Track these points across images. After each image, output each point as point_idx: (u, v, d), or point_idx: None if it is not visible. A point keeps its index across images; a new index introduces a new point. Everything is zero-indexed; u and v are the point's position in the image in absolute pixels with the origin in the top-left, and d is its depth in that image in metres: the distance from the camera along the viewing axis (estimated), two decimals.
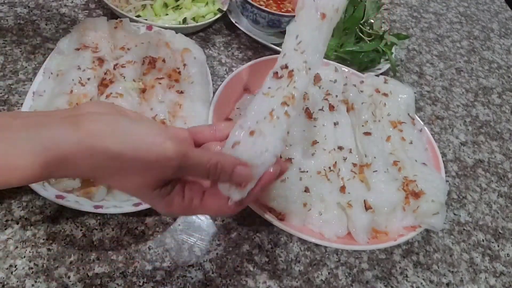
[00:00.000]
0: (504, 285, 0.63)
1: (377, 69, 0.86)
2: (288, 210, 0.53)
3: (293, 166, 0.56)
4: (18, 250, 0.48)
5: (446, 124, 0.87)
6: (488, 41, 1.17)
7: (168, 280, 0.50)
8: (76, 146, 0.31)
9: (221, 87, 0.64)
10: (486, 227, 0.70)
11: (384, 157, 0.61)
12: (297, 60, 0.50)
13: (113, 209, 0.51)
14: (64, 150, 0.31)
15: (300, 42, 0.51)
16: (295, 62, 0.50)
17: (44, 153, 0.31)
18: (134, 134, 0.34)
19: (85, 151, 0.32)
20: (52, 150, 0.31)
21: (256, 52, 0.86)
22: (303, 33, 0.51)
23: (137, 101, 0.59)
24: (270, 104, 0.47)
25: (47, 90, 0.59)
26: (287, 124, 0.47)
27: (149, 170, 0.34)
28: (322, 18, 0.50)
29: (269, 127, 0.45)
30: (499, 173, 0.80)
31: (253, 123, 0.45)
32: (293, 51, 0.51)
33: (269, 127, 0.45)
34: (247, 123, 0.45)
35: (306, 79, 0.49)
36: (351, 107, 0.68)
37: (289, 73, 0.50)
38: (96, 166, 0.33)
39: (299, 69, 0.50)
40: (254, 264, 0.55)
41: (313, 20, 0.51)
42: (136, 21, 0.74)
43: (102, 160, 0.32)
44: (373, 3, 0.89)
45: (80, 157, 0.32)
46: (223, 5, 0.87)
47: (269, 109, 0.47)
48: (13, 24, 0.74)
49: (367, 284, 0.57)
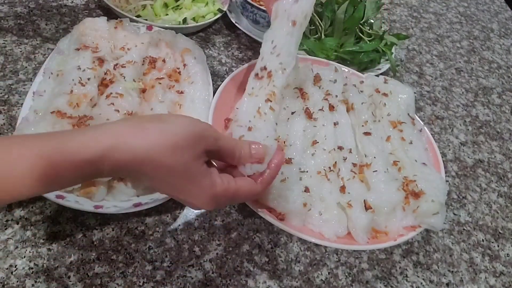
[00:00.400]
0: (504, 285, 0.63)
1: (377, 69, 0.86)
2: (288, 210, 0.53)
3: (293, 166, 0.56)
4: (18, 250, 0.49)
5: (446, 124, 0.87)
6: (488, 41, 1.17)
7: (168, 280, 0.51)
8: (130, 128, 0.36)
9: (221, 87, 0.64)
10: (486, 227, 0.70)
11: (384, 157, 0.61)
12: (274, 62, 0.59)
13: (113, 209, 0.51)
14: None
15: (275, 46, 0.59)
16: (272, 64, 0.59)
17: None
18: (176, 121, 0.39)
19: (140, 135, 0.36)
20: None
21: (256, 52, 0.85)
22: (277, 38, 0.59)
23: (137, 101, 0.59)
24: (256, 102, 0.56)
25: (47, 90, 0.59)
26: (274, 117, 0.56)
27: (198, 141, 0.39)
28: (293, 25, 0.59)
29: (261, 122, 0.53)
30: (499, 173, 0.80)
31: (246, 122, 0.53)
32: (269, 54, 0.60)
33: (261, 122, 0.53)
34: (241, 122, 0.53)
35: (283, 77, 0.58)
36: (351, 107, 0.68)
37: (268, 73, 0.58)
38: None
39: (276, 69, 0.58)
40: (254, 264, 0.55)
41: (285, 27, 0.59)
42: (136, 21, 0.74)
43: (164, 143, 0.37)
44: (373, 3, 0.89)
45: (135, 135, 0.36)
46: (223, 5, 0.87)
47: (256, 107, 0.55)
48: (13, 24, 0.74)
49: (367, 284, 0.57)
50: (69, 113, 0.54)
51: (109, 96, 0.57)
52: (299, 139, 0.60)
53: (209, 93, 0.65)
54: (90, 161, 0.34)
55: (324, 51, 0.82)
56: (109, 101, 0.57)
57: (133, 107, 0.58)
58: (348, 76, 0.75)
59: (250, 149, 0.44)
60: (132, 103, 0.58)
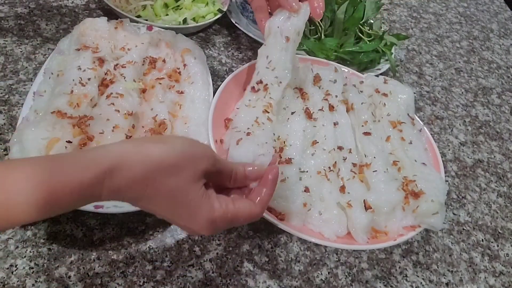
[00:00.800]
0: (504, 284, 0.63)
1: (376, 69, 0.86)
2: (288, 210, 0.53)
3: (293, 166, 0.56)
4: (18, 250, 0.49)
5: (446, 124, 0.87)
6: (488, 41, 1.18)
7: (168, 279, 0.51)
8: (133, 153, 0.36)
9: (221, 87, 0.64)
10: (485, 227, 0.70)
11: (383, 157, 0.61)
12: (269, 76, 0.61)
13: (113, 208, 0.51)
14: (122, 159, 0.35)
15: (270, 61, 0.62)
16: (268, 78, 0.61)
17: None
18: (176, 142, 0.40)
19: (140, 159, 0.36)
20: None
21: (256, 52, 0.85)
22: (272, 53, 0.61)
23: (137, 101, 0.59)
24: (254, 113, 0.58)
25: (48, 90, 0.59)
26: (271, 126, 0.57)
27: (198, 161, 0.39)
28: (286, 41, 0.61)
29: (259, 130, 0.55)
30: (498, 173, 0.80)
31: (245, 128, 0.55)
32: (265, 69, 0.62)
33: (259, 130, 0.55)
34: (241, 128, 0.55)
35: (279, 90, 0.61)
36: (351, 107, 0.68)
37: (264, 87, 0.61)
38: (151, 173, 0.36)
39: (272, 83, 0.61)
40: (254, 264, 0.55)
41: (279, 42, 0.61)
42: (136, 22, 0.74)
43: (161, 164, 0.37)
44: (373, 3, 0.90)
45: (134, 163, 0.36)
46: (223, 6, 0.87)
47: (254, 118, 0.57)
48: (13, 24, 0.74)
49: (366, 284, 0.57)
50: (70, 113, 0.54)
51: (110, 96, 0.57)
52: (299, 139, 0.60)
53: (209, 93, 0.65)
54: (91, 180, 0.33)
55: (324, 51, 0.82)
56: (109, 101, 0.57)
57: (133, 107, 0.58)
58: (348, 76, 0.75)
59: (245, 171, 0.45)
60: (132, 103, 0.58)
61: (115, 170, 0.34)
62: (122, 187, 0.35)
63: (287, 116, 0.63)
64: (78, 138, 0.52)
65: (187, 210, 0.39)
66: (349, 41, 0.86)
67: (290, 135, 0.60)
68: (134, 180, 0.35)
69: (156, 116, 0.58)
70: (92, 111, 0.57)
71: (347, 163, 0.60)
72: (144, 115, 0.59)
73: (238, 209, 0.41)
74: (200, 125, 0.60)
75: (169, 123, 0.59)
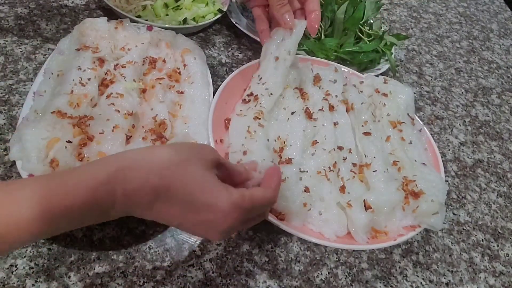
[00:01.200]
0: (504, 284, 0.63)
1: (376, 69, 0.86)
2: (288, 210, 0.53)
3: (293, 166, 0.56)
4: (18, 250, 0.49)
5: (446, 124, 0.87)
6: (488, 41, 1.18)
7: (168, 279, 0.51)
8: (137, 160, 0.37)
9: (221, 87, 0.64)
10: (485, 227, 0.70)
11: (383, 157, 0.61)
12: (260, 88, 0.64)
13: None
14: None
15: (261, 78, 0.65)
16: (258, 90, 0.63)
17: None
18: (181, 144, 0.44)
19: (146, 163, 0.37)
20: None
21: (256, 52, 0.86)
22: (264, 73, 0.65)
23: (137, 101, 0.59)
24: (245, 122, 0.59)
25: (48, 90, 0.59)
26: (263, 133, 0.58)
27: (206, 153, 0.41)
28: (275, 60, 0.65)
29: (253, 143, 0.56)
30: (498, 173, 0.80)
31: (239, 146, 0.56)
32: (256, 84, 0.65)
33: (253, 144, 0.56)
34: (235, 147, 0.56)
35: (270, 100, 0.62)
36: (350, 107, 0.68)
37: (254, 97, 0.63)
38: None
39: (262, 94, 0.63)
40: (254, 264, 0.55)
41: (271, 63, 0.66)
42: (136, 22, 0.74)
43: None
44: (373, 3, 0.90)
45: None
46: (223, 6, 0.87)
47: (246, 127, 0.58)
48: (13, 24, 0.74)
49: (366, 284, 0.57)
50: (70, 113, 0.54)
51: (110, 96, 0.57)
52: (299, 139, 0.60)
53: (209, 93, 0.65)
54: (104, 179, 0.34)
55: (324, 51, 0.82)
56: (109, 101, 0.57)
57: (134, 107, 0.58)
58: (348, 76, 0.75)
59: (247, 171, 0.49)
60: (132, 103, 0.58)
61: (126, 169, 0.35)
62: (136, 189, 0.35)
63: (287, 116, 0.63)
64: (78, 138, 0.52)
65: (206, 197, 0.38)
66: (349, 41, 0.86)
67: (290, 135, 0.60)
68: (147, 179, 0.35)
69: (156, 116, 0.58)
70: (92, 111, 0.57)
71: (347, 163, 0.60)
72: (144, 115, 0.59)
73: (252, 193, 0.42)
74: (200, 125, 0.60)
75: (169, 123, 0.59)
